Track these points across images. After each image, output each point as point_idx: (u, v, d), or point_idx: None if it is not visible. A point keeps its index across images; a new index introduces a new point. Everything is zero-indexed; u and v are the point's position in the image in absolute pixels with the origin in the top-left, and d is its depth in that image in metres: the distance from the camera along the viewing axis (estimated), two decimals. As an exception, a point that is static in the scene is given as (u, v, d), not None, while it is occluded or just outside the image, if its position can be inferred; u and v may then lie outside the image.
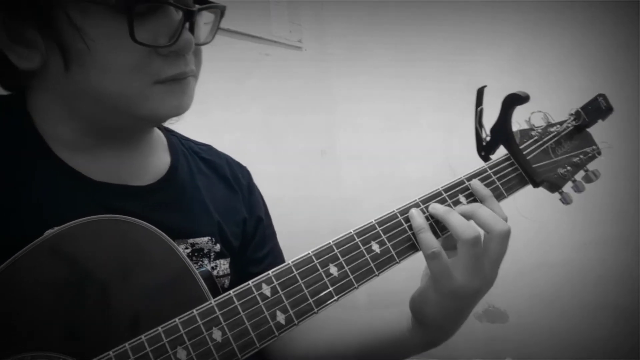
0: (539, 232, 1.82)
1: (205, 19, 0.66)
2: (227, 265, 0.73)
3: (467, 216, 0.64)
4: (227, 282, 0.73)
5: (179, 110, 0.62)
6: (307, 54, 2.32)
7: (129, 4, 0.53)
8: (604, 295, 1.94)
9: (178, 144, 0.78)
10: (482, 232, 0.63)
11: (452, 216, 0.62)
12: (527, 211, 0.78)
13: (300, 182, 2.21)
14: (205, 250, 0.71)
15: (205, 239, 0.71)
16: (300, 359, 0.78)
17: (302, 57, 2.31)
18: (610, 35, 1.89)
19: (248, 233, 0.80)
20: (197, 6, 0.60)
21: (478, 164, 0.75)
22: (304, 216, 2.19)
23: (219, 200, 0.77)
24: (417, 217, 0.63)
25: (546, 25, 2.00)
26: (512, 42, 2.07)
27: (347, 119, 2.46)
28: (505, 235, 0.62)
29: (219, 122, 1.57)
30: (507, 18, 2.08)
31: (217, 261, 0.72)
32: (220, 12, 0.66)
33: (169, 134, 0.79)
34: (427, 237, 0.61)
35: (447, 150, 2.17)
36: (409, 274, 0.67)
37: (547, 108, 0.79)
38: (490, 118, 0.74)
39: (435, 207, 0.64)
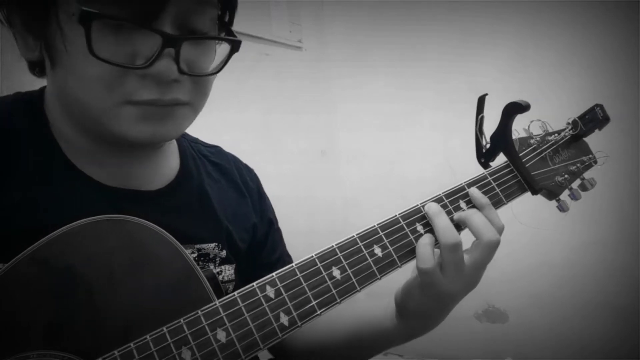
0: (538, 233, 1.83)
1: (223, 50, 0.63)
2: (232, 271, 0.73)
3: (462, 222, 0.64)
4: (231, 287, 0.73)
5: (154, 137, 0.59)
6: (307, 54, 2.33)
7: (84, 18, 0.50)
8: (604, 295, 1.95)
9: (188, 147, 0.78)
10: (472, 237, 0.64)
11: (439, 219, 0.63)
12: (526, 213, 0.78)
13: (300, 182, 2.21)
14: (211, 256, 0.71)
15: (212, 244, 0.71)
16: (295, 351, 0.78)
17: (302, 57, 2.31)
18: (610, 35, 1.89)
19: (259, 238, 0.80)
20: (182, 35, 0.55)
21: (478, 164, 0.75)
22: (304, 216, 2.20)
23: (228, 205, 0.77)
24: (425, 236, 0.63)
25: (546, 25, 2.00)
26: (512, 42, 2.07)
27: (347, 119, 2.47)
28: (493, 246, 0.62)
29: (219, 122, 1.57)
30: (507, 18, 2.08)
31: (223, 267, 0.72)
32: (233, 46, 0.61)
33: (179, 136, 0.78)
34: (426, 252, 0.61)
35: (446, 150, 2.18)
36: (406, 273, 0.67)
37: (546, 108, 0.79)
38: (489, 119, 0.74)
39: (430, 206, 0.65)
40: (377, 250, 0.62)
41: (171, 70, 0.55)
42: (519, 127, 0.74)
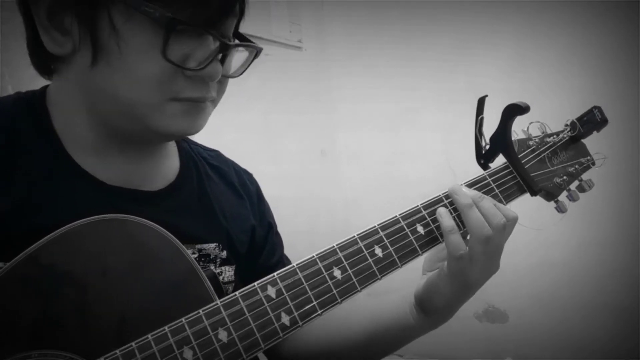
0: (538, 233, 1.82)
1: (241, 56, 0.68)
2: (232, 272, 0.73)
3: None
4: (230, 289, 0.73)
5: (190, 130, 0.64)
6: (307, 54, 2.33)
7: (171, 24, 0.54)
8: (604, 295, 1.95)
9: (188, 149, 0.78)
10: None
11: (473, 213, 0.64)
12: (526, 214, 0.78)
13: (300, 182, 2.21)
14: (212, 256, 0.71)
15: (213, 245, 0.71)
16: (310, 347, 0.78)
17: (302, 57, 2.31)
18: (610, 35, 1.89)
19: (258, 241, 0.80)
20: (236, 42, 0.63)
21: (478, 164, 0.75)
22: (304, 216, 2.20)
23: (227, 206, 0.77)
24: (447, 218, 0.65)
25: (546, 25, 2.00)
26: (512, 42, 2.08)
27: (347, 119, 2.47)
28: (507, 226, 0.65)
29: (219, 122, 1.56)
30: (507, 18, 2.08)
31: (223, 267, 0.72)
32: (256, 52, 0.68)
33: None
34: (457, 239, 0.63)
35: (447, 151, 2.17)
36: (405, 272, 0.67)
37: (546, 109, 0.80)
38: (489, 119, 0.74)
39: (458, 200, 0.66)
40: (378, 251, 0.62)
41: (218, 73, 0.60)
42: (518, 128, 0.74)
